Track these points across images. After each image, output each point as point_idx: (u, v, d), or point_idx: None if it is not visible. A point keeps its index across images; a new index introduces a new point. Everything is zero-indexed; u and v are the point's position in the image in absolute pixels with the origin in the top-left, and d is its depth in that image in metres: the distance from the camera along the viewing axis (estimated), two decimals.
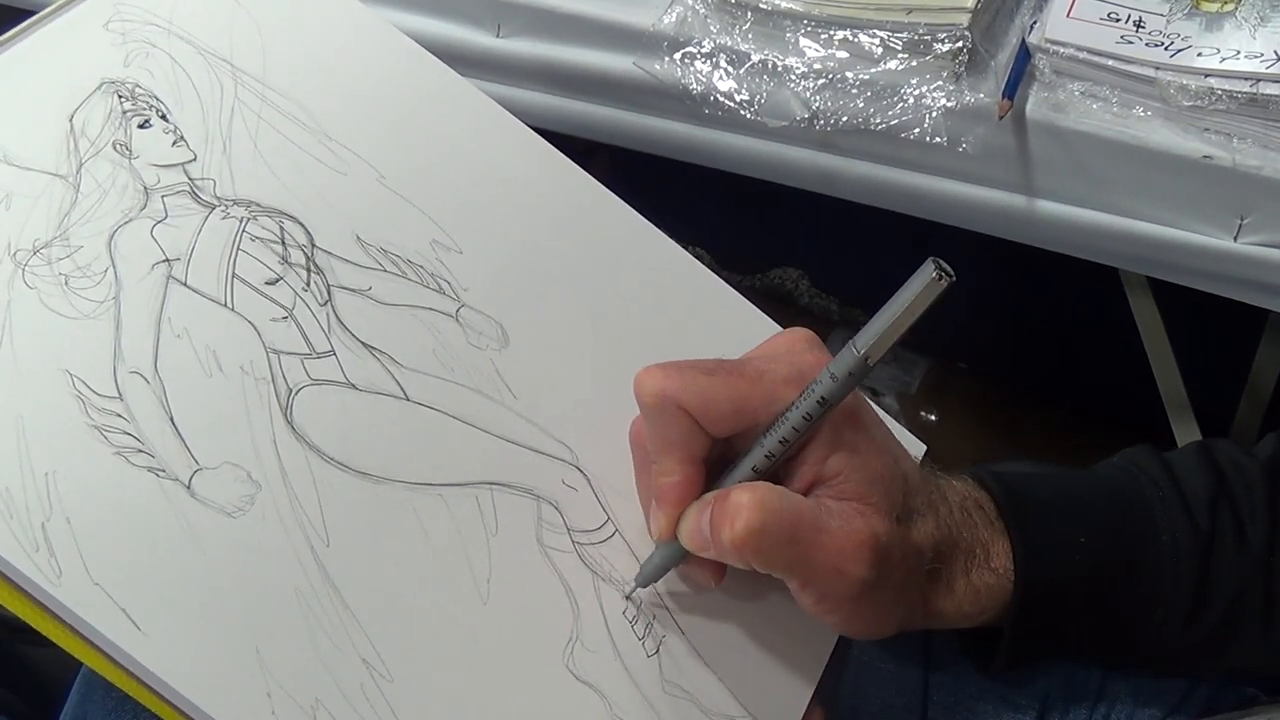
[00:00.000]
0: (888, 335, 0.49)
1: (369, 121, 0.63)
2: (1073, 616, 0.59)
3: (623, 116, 0.92)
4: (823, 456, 0.53)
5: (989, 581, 0.57)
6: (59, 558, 0.46)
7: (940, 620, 0.58)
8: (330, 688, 0.49)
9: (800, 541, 0.51)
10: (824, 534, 0.51)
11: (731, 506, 0.50)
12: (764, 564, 0.51)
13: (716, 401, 0.52)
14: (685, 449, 0.53)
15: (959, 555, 0.57)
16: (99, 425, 0.49)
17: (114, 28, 0.60)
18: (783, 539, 0.50)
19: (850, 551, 0.51)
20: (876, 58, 0.83)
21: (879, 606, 0.54)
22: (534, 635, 0.54)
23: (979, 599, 0.57)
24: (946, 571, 0.57)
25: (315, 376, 0.55)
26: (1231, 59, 0.76)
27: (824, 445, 0.53)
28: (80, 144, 0.56)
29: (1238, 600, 0.59)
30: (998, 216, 0.86)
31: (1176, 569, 0.59)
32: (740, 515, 0.50)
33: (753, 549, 0.50)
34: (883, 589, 0.53)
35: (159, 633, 0.46)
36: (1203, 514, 0.60)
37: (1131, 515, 0.60)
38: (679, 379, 0.52)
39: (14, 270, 0.51)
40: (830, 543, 0.51)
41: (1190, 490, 0.61)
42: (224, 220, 0.57)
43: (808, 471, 0.53)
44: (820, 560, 0.51)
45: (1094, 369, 1.35)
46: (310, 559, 0.50)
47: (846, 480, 0.53)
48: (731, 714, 0.56)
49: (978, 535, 0.58)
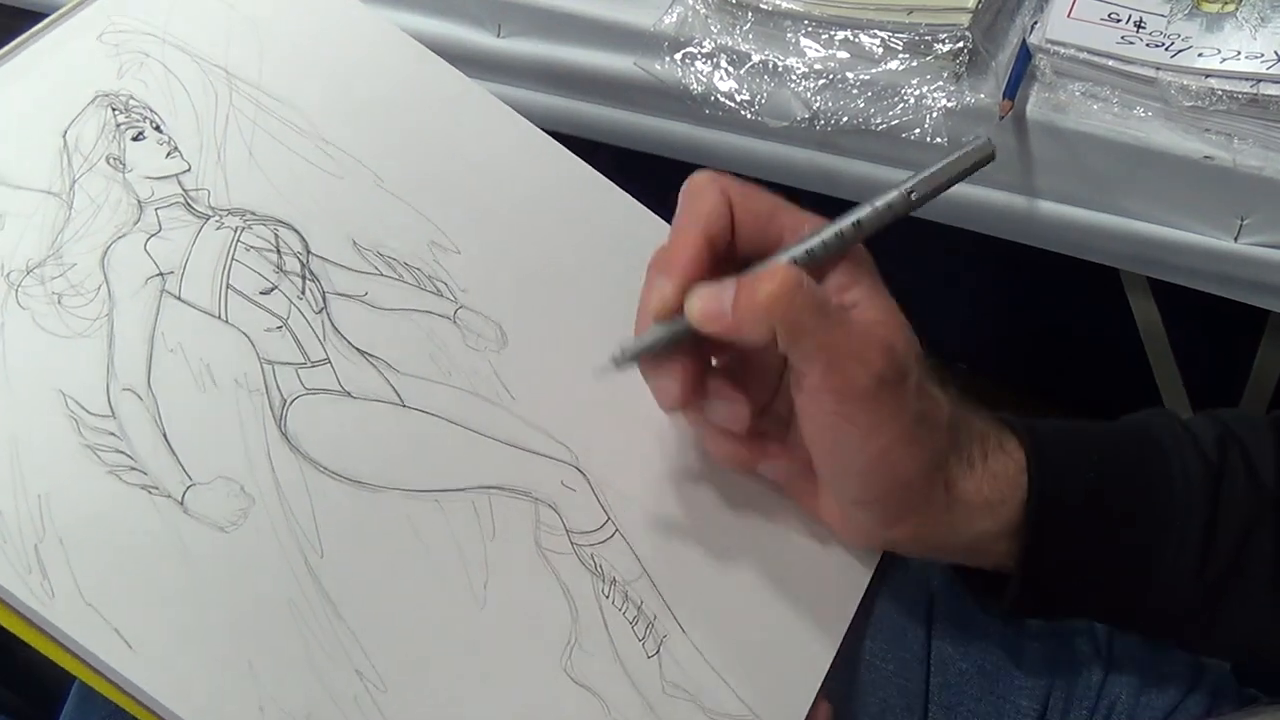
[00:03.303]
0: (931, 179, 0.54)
1: (366, 123, 0.63)
2: (1086, 528, 0.58)
3: (623, 117, 0.92)
4: (844, 285, 0.54)
5: (1005, 465, 0.57)
6: (52, 580, 0.46)
7: (963, 505, 0.56)
8: (324, 700, 0.49)
9: (828, 316, 0.51)
10: (851, 321, 0.52)
11: (766, 272, 0.51)
12: (790, 329, 0.51)
13: (757, 199, 0.54)
14: (708, 223, 0.54)
15: (974, 437, 0.57)
16: (92, 445, 0.50)
17: (107, 39, 0.60)
18: (815, 306, 0.51)
19: (874, 342, 0.52)
20: (877, 58, 0.83)
21: (898, 427, 0.53)
22: (532, 640, 0.54)
23: (997, 482, 0.57)
24: (965, 442, 0.57)
25: (310, 386, 0.55)
26: (1232, 59, 0.75)
27: (844, 275, 0.54)
28: (73, 160, 0.56)
29: (1247, 539, 0.58)
30: (998, 217, 0.86)
31: (1188, 496, 0.57)
32: (778, 273, 0.50)
33: (785, 306, 0.50)
34: (901, 402, 0.53)
35: (152, 651, 0.47)
36: (1212, 452, 0.59)
37: (1141, 445, 0.60)
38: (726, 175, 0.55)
39: (7, 291, 0.52)
40: (856, 329, 0.52)
41: (1200, 433, 0.60)
42: (218, 231, 0.57)
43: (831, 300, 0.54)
44: (844, 342, 0.51)
45: (1094, 369, 1.34)
46: (304, 571, 0.51)
47: (866, 309, 0.54)
48: (735, 714, 0.56)
49: (989, 425, 0.58)
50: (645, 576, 0.57)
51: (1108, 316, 1.08)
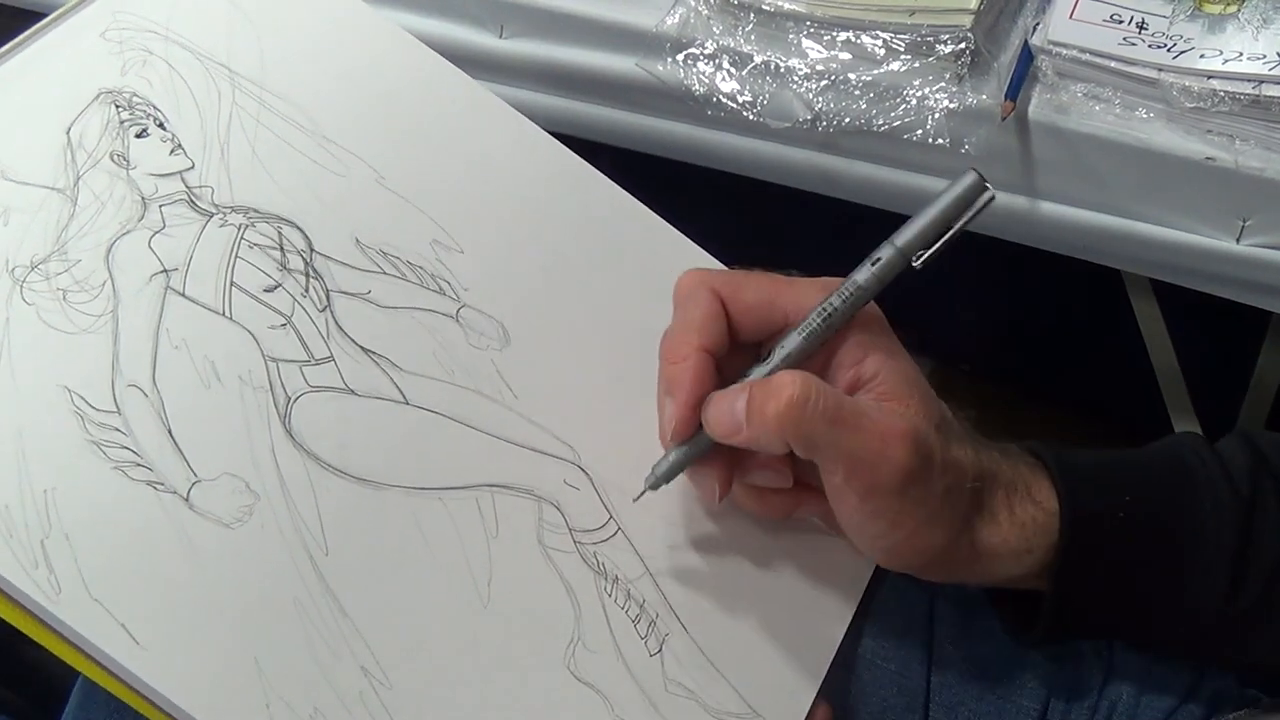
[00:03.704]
0: (922, 232, 0.51)
1: (370, 122, 0.63)
2: (1118, 567, 0.58)
3: (625, 118, 0.92)
4: (859, 358, 0.54)
5: (1034, 515, 0.57)
6: (58, 575, 0.46)
7: (988, 561, 0.57)
8: (329, 697, 0.49)
9: (844, 423, 0.51)
10: (867, 419, 0.52)
11: (775, 383, 0.51)
12: (806, 440, 0.51)
13: (748, 291, 0.54)
14: (704, 333, 0.53)
15: (999, 487, 0.57)
16: (97, 440, 0.50)
17: (111, 36, 0.60)
18: (828, 414, 0.51)
19: (895, 438, 0.52)
20: (879, 59, 0.83)
21: (924, 511, 0.53)
22: (535, 637, 0.54)
23: (1024, 533, 0.56)
24: (989, 501, 0.56)
25: (314, 383, 0.55)
26: (1234, 61, 0.75)
27: (859, 347, 0.54)
28: (78, 156, 0.56)
29: (1279, 570, 0.58)
30: (1001, 218, 0.86)
31: (1218, 531, 0.57)
32: (785, 388, 0.50)
33: (796, 420, 0.50)
34: (927, 488, 0.53)
35: (157, 647, 0.47)
36: (1244, 482, 0.58)
37: (1173, 478, 0.59)
38: (716, 271, 0.55)
39: (12, 287, 0.52)
40: (873, 428, 0.51)
41: (1231, 462, 0.60)
42: (222, 228, 0.57)
43: (846, 374, 0.54)
44: (863, 445, 0.51)
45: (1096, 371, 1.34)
46: (309, 568, 0.51)
47: (885, 381, 0.54)
48: (735, 712, 0.56)
49: (1018, 471, 0.58)
50: (647, 575, 0.57)
51: (1110, 318, 1.08)
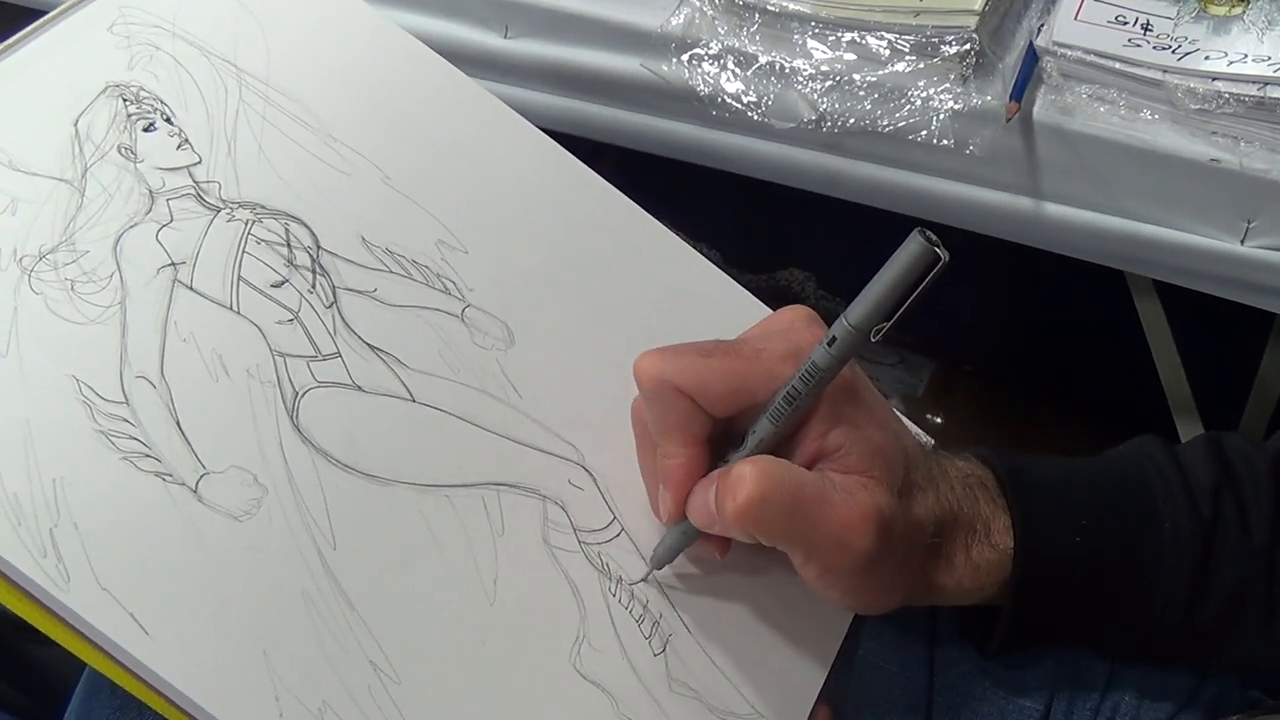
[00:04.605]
0: (876, 305, 0.49)
1: (373, 122, 0.63)
2: (1071, 598, 0.59)
3: (630, 118, 0.92)
4: (824, 430, 0.53)
5: (989, 558, 0.58)
6: (67, 563, 0.46)
7: (941, 596, 0.58)
8: (338, 690, 0.49)
9: (802, 514, 0.51)
10: (827, 506, 0.51)
11: (734, 478, 0.51)
12: (766, 535, 0.51)
13: (714, 382, 0.53)
14: (686, 430, 0.53)
15: (959, 531, 0.57)
16: (106, 430, 0.49)
17: (118, 30, 0.60)
18: (785, 509, 0.51)
19: (854, 524, 0.52)
20: (884, 60, 0.83)
21: (881, 580, 0.54)
22: (541, 635, 0.54)
23: (979, 575, 0.58)
24: (947, 547, 0.57)
25: (321, 379, 0.55)
26: (1239, 62, 0.76)
27: (825, 420, 0.53)
28: (85, 148, 0.56)
29: (1238, 591, 0.59)
30: (1004, 219, 0.86)
31: (1177, 557, 0.59)
32: (742, 486, 0.50)
33: (753, 519, 0.51)
34: (886, 562, 0.53)
35: (167, 637, 0.46)
36: (1206, 502, 0.60)
37: (1134, 500, 0.60)
38: (676, 362, 0.53)
39: (20, 276, 0.52)
40: (834, 514, 0.51)
41: (1195, 479, 0.61)
42: (229, 223, 0.57)
43: (810, 446, 0.53)
44: (823, 532, 0.51)
45: (1100, 373, 1.34)
46: (317, 562, 0.51)
47: (849, 454, 0.53)
48: (739, 712, 0.56)
49: (979, 511, 0.58)
50: (650, 576, 0.57)
51: (1113, 319, 1.08)
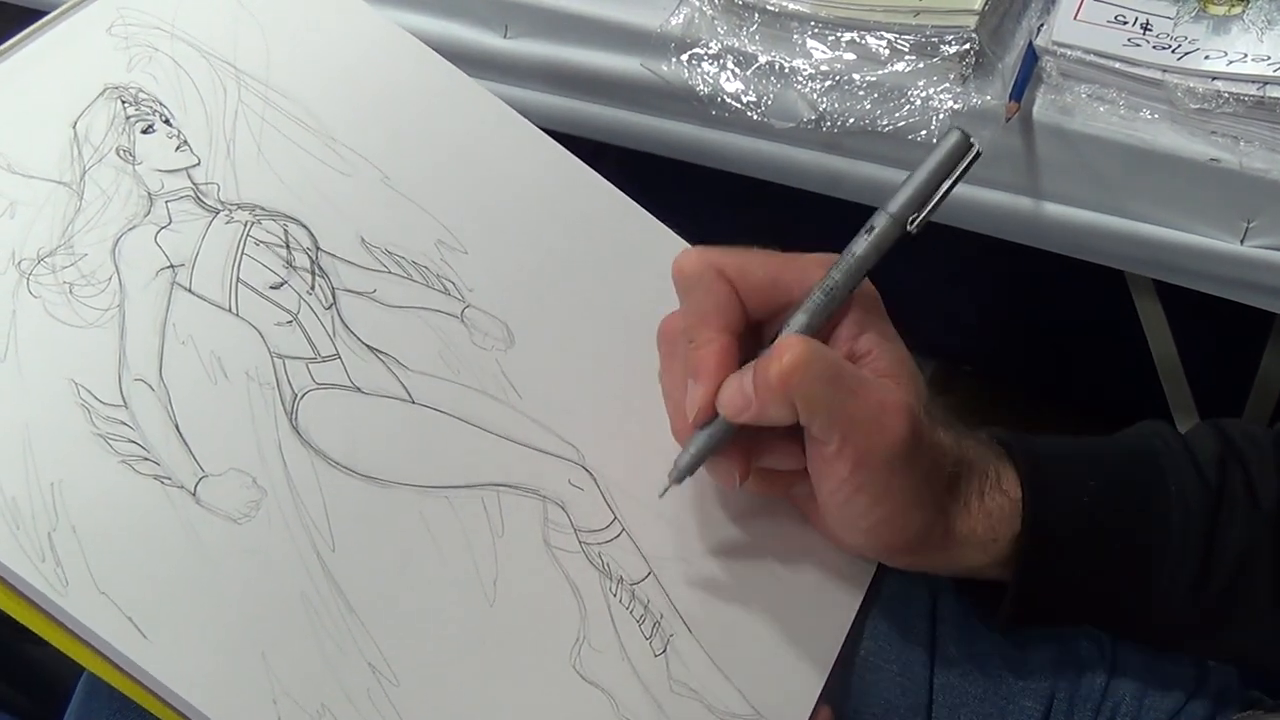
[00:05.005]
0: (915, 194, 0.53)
1: (373, 122, 0.63)
2: (1080, 558, 0.59)
3: (629, 118, 0.92)
4: (854, 334, 0.55)
5: (1001, 504, 0.58)
6: (65, 567, 0.46)
7: (955, 547, 0.58)
8: (336, 693, 0.49)
9: (844, 385, 0.52)
10: (866, 387, 0.53)
11: (777, 347, 0.51)
12: (806, 405, 0.51)
13: (754, 269, 0.55)
14: (723, 317, 0.54)
15: (974, 475, 0.58)
16: (104, 434, 0.49)
17: (117, 32, 0.60)
18: (827, 376, 0.51)
19: (891, 407, 0.52)
20: (883, 59, 0.83)
21: (908, 492, 0.54)
22: (541, 636, 0.54)
23: (991, 521, 0.58)
24: (964, 485, 0.57)
25: (320, 381, 0.55)
26: (1239, 62, 0.75)
27: (854, 324, 0.55)
28: (84, 150, 0.56)
29: (1246, 561, 0.59)
30: (1004, 219, 0.86)
31: (1185, 523, 0.58)
32: (787, 350, 0.51)
33: (797, 382, 0.51)
34: (915, 467, 0.54)
35: (165, 640, 0.47)
36: (1211, 472, 0.60)
37: (1141, 467, 0.60)
38: (718, 251, 0.55)
39: (19, 279, 0.52)
40: (872, 395, 0.52)
41: (1200, 451, 0.61)
42: (228, 225, 0.57)
43: (842, 348, 0.55)
44: (863, 408, 0.52)
45: (1100, 372, 1.34)
46: (316, 564, 0.51)
47: (878, 358, 0.55)
48: (739, 713, 0.56)
49: (989, 459, 0.59)
50: (651, 576, 0.57)
51: (1113, 319, 1.08)
